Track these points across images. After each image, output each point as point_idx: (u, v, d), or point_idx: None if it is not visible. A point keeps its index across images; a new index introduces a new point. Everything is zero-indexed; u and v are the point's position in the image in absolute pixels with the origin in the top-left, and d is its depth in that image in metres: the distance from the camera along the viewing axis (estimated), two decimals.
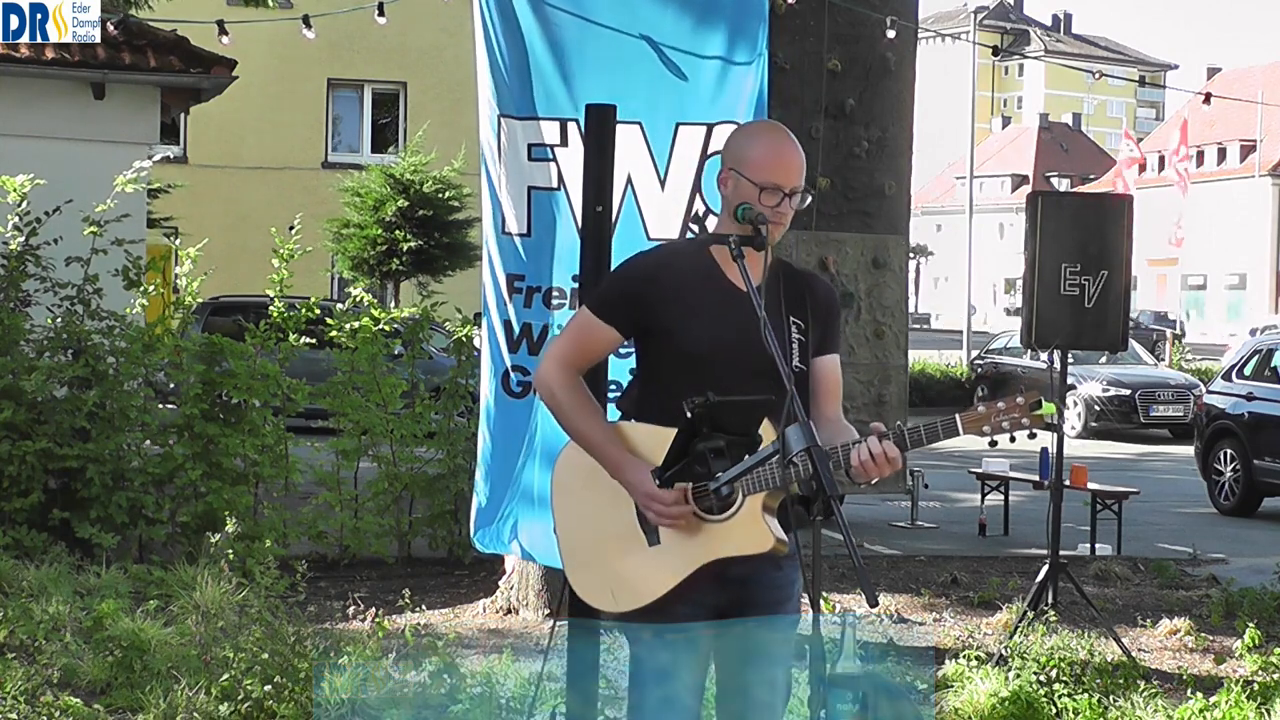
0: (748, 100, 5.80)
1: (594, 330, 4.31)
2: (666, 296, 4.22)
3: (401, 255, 27.61)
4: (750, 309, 4.06)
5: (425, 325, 12.47)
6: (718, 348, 4.19)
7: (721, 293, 4.25)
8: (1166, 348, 39.87)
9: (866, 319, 14.53)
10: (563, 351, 4.36)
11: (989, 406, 4.08)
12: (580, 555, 4.34)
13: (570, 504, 4.37)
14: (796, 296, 4.32)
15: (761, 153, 4.27)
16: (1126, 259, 9.42)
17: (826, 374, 4.36)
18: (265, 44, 26.36)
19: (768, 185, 4.22)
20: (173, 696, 6.76)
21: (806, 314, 4.31)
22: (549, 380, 4.33)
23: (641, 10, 5.90)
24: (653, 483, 4.11)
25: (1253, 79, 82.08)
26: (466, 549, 10.84)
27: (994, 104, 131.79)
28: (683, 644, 4.23)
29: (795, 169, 4.28)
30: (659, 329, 4.23)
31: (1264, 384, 17.51)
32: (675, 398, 4.10)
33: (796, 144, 4.34)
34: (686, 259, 4.33)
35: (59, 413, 10.69)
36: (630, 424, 4.30)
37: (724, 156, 4.39)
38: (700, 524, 4.14)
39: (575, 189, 5.67)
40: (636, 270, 4.34)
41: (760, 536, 4.11)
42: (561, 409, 4.31)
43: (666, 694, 4.23)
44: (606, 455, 4.21)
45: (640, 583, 4.20)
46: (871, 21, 14.61)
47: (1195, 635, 9.66)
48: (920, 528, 14.86)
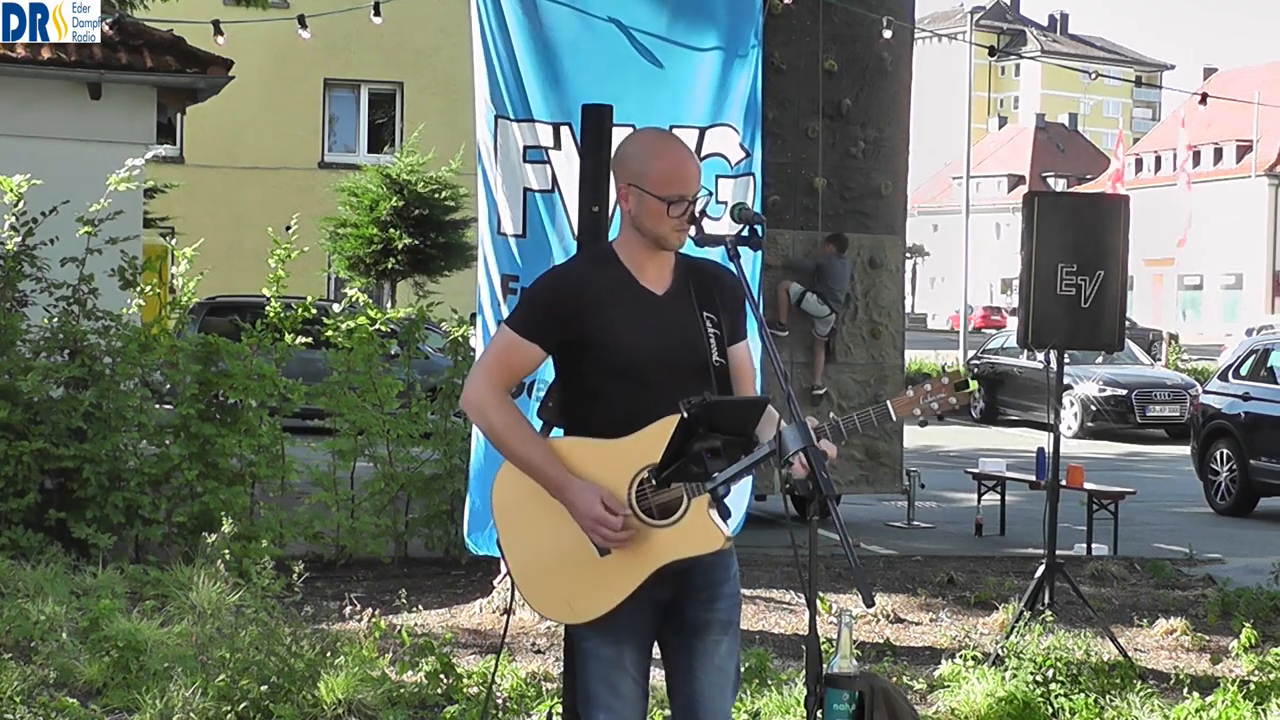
0: (740, 101, 5.81)
1: (519, 350, 4.32)
2: (591, 309, 4.26)
3: (397, 255, 27.61)
4: (671, 312, 4.21)
5: (421, 325, 12.45)
6: (650, 353, 4.23)
7: (642, 300, 4.30)
8: (1163, 348, 39.89)
9: (863, 319, 14.54)
10: (489, 373, 4.38)
11: (916, 389, 4.21)
12: (532, 572, 4.36)
13: (515, 524, 4.38)
14: (704, 292, 4.36)
15: (661, 166, 4.28)
16: (1123, 259, 9.42)
17: (741, 362, 4.42)
18: (261, 44, 26.34)
19: (674, 198, 4.25)
20: (169, 697, 6.75)
21: (717, 307, 4.35)
22: (480, 402, 4.34)
23: (631, 4, 5.91)
24: (597, 505, 4.15)
25: (1249, 79, 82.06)
26: (463, 549, 10.81)
27: (990, 104, 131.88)
28: (625, 638, 4.30)
29: (694, 175, 4.31)
30: (587, 341, 4.26)
31: (1260, 384, 17.53)
32: (613, 408, 4.21)
33: (688, 148, 4.40)
34: (604, 270, 4.36)
35: (55, 413, 10.68)
36: (567, 440, 4.32)
37: (618, 172, 4.38)
38: (649, 530, 4.17)
39: (569, 191, 5.69)
40: (557, 287, 4.38)
41: (709, 536, 4.15)
42: (495, 431, 4.33)
43: (612, 684, 4.32)
44: (547, 477, 4.24)
45: (595, 592, 4.24)
46: (868, 22, 14.63)
47: (1191, 635, 9.66)
48: (917, 528, 14.86)
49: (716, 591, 4.37)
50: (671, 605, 4.35)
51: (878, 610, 10.01)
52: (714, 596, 4.36)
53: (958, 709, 7.45)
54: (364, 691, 7.03)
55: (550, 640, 8.83)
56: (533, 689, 7.47)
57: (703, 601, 4.35)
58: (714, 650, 4.37)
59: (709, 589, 4.35)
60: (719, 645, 4.37)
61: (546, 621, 9.15)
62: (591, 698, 4.35)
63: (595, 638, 4.31)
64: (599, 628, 4.28)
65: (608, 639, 4.30)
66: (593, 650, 4.33)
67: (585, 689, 4.37)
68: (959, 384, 4.18)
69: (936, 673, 8.03)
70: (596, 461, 4.22)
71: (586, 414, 4.30)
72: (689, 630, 4.36)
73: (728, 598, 4.40)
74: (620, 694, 4.32)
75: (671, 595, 4.33)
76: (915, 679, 8.07)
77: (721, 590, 4.38)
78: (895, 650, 9.05)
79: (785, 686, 7.36)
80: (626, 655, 4.31)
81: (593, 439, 4.26)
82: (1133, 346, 29.13)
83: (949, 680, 7.80)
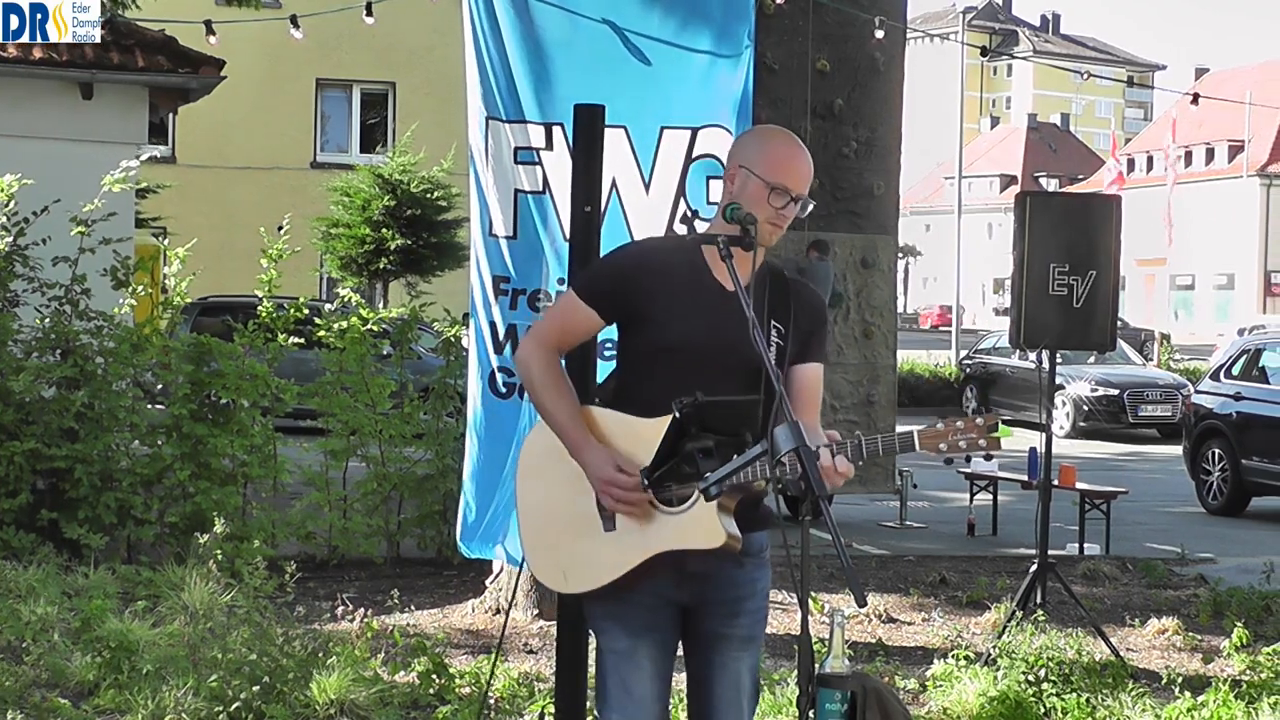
0: (732, 102, 5.79)
1: (577, 311, 4.33)
2: (652, 288, 4.24)
3: (390, 255, 27.61)
4: (733, 310, 4.10)
5: (413, 325, 12.45)
6: (697, 344, 4.20)
7: (706, 291, 4.26)
8: (1155, 348, 39.93)
9: (855, 319, 14.56)
10: (544, 330, 4.42)
11: (948, 424, 4.04)
12: (538, 535, 4.39)
13: (532, 485, 4.41)
14: (781, 302, 4.32)
15: (775, 153, 4.29)
16: (1115, 259, 9.43)
17: (807, 382, 4.36)
18: (253, 44, 26.30)
19: (778, 185, 4.23)
20: (161, 697, 6.75)
21: (789, 320, 4.31)
22: (527, 356, 4.38)
23: (623, 3, 5.90)
24: (612, 467, 4.15)
25: (1241, 79, 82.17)
26: (455, 549, 10.81)
27: (982, 104, 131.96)
28: (642, 633, 4.28)
29: (805, 175, 4.29)
30: (640, 320, 4.25)
31: (1252, 384, 17.55)
32: (651, 390, 4.17)
33: (808, 154, 4.36)
34: (676, 254, 4.34)
35: (47, 413, 10.67)
36: (600, 409, 4.32)
37: (734, 154, 4.40)
38: (655, 515, 4.17)
39: (560, 193, 5.68)
40: (627, 259, 4.38)
41: (712, 532, 4.12)
42: (534, 385, 4.35)
43: (626, 682, 4.28)
44: (569, 435, 4.24)
45: (592, 566, 4.25)
46: (860, 22, 14.64)
47: (1183, 635, 9.68)
48: (909, 527, 14.86)
49: (739, 607, 4.33)
50: (693, 614, 4.33)
51: (870, 610, 10.03)
52: (736, 612, 4.33)
53: (950, 709, 7.45)
54: (356, 692, 7.03)
55: (543, 640, 8.83)
56: (525, 689, 7.47)
57: (723, 616, 4.32)
58: (732, 665, 4.35)
59: (730, 604, 4.32)
60: (739, 661, 4.36)
61: (539, 622, 9.16)
62: (607, 696, 4.31)
63: (612, 630, 4.28)
64: (614, 617, 4.26)
65: (623, 630, 4.27)
66: (609, 644, 4.30)
67: (601, 686, 4.34)
68: (990, 427, 4.02)
69: (929, 672, 8.04)
70: (624, 435, 4.21)
71: (630, 393, 4.29)
72: (706, 643, 4.35)
73: (750, 614, 4.37)
74: (634, 695, 4.27)
75: (692, 601, 4.30)
76: (907, 679, 8.08)
77: (744, 606, 4.35)
78: (887, 650, 9.07)
79: (778, 686, 7.37)
80: (642, 650, 4.27)
81: (626, 415, 4.25)
82: (1125, 346, 29.17)
83: (941, 680, 7.81)
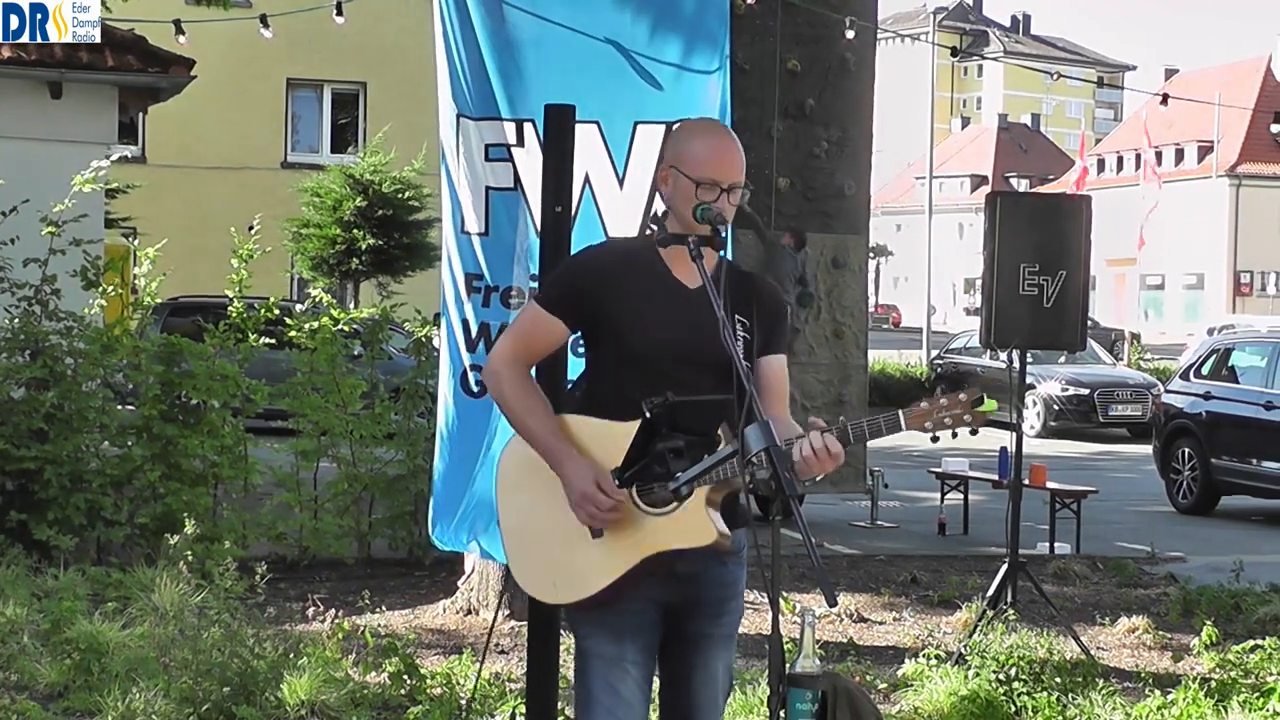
0: (709, 107, 5.78)
1: (542, 323, 4.30)
2: (617, 293, 4.22)
3: (361, 255, 27.58)
4: (698, 307, 4.11)
5: (385, 326, 12.44)
6: (665, 345, 4.18)
7: (669, 290, 4.25)
8: (1125, 347, 40.05)
9: (826, 319, 14.56)
10: (511, 344, 4.37)
11: (932, 403, 4.08)
12: (523, 547, 4.35)
13: (514, 497, 4.37)
14: (742, 296, 4.30)
15: (699, 149, 4.24)
16: (1085, 259, 9.45)
17: (773, 374, 4.35)
18: (224, 43, 26.24)
19: (704, 181, 4.19)
20: (131, 699, 6.72)
21: (751, 314, 4.30)
22: (497, 371, 4.34)
23: (602, 13, 5.89)
24: (590, 482, 4.11)
25: (1210, 80, 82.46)
26: (427, 549, 10.82)
27: (953, 104, 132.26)
28: (628, 637, 4.24)
29: (734, 164, 4.24)
30: (608, 325, 4.23)
31: (1221, 383, 17.64)
32: (624, 394, 4.14)
33: (735, 140, 4.31)
34: (636, 255, 4.32)
35: (16, 414, 10.62)
36: (577, 418, 4.28)
37: (663, 154, 4.40)
38: (643, 517, 4.14)
39: (532, 189, 5.67)
40: (587, 265, 4.35)
41: (703, 530, 4.11)
42: (507, 401, 4.31)
43: (613, 687, 4.24)
44: (549, 449, 4.20)
45: (582, 575, 4.20)
46: (831, 22, 14.66)
47: (1153, 633, 9.71)
48: (880, 527, 14.88)
49: (723, 607, 4.34)
50: (676, 614, 4.31)
51: (841, 610, 10.04)
52: (720, 612, 4.34)
53: (921, 708, 7.46)
54: (327, 693, 7.01)
55: (514, 640, 8.81)
56: (496, 689, 7.46)
57: (708, 616, 4.32)
58: (712, 664, 4.36)
59: (716, 604, 4.32)
60: (718, 660, 4.37)
61: (510, 622, 9.15)
62: (592, 700, 4.26)
63: (598, 635, 4.25)
64: (601, 624, 4.23)
65: (610, 636, 4.23)
66: (594, 649, 4.26)
67: (586, 691, 4.28)
68: (976, 402, 4.06)
69: (900, 672, 8.05)
70: (598, 439, 4.19)
71: (603, 399, 4.25)
72: (691, 644, 4.34)
73: (732, 613, 4.38)
74: (622, 697, 4.23)
75: (678, 602, 4.28)
76: (878, 678, 8.09)
77: (728, 606, 4.36)
78: (858, 649, 9.08)
79: (749, 686, 7.37)
80: (629, 655, 4.24)
81: (601, 420, 4.22)
82: (1095, 346, 29.24)
83: (912, 679, 7.81)
